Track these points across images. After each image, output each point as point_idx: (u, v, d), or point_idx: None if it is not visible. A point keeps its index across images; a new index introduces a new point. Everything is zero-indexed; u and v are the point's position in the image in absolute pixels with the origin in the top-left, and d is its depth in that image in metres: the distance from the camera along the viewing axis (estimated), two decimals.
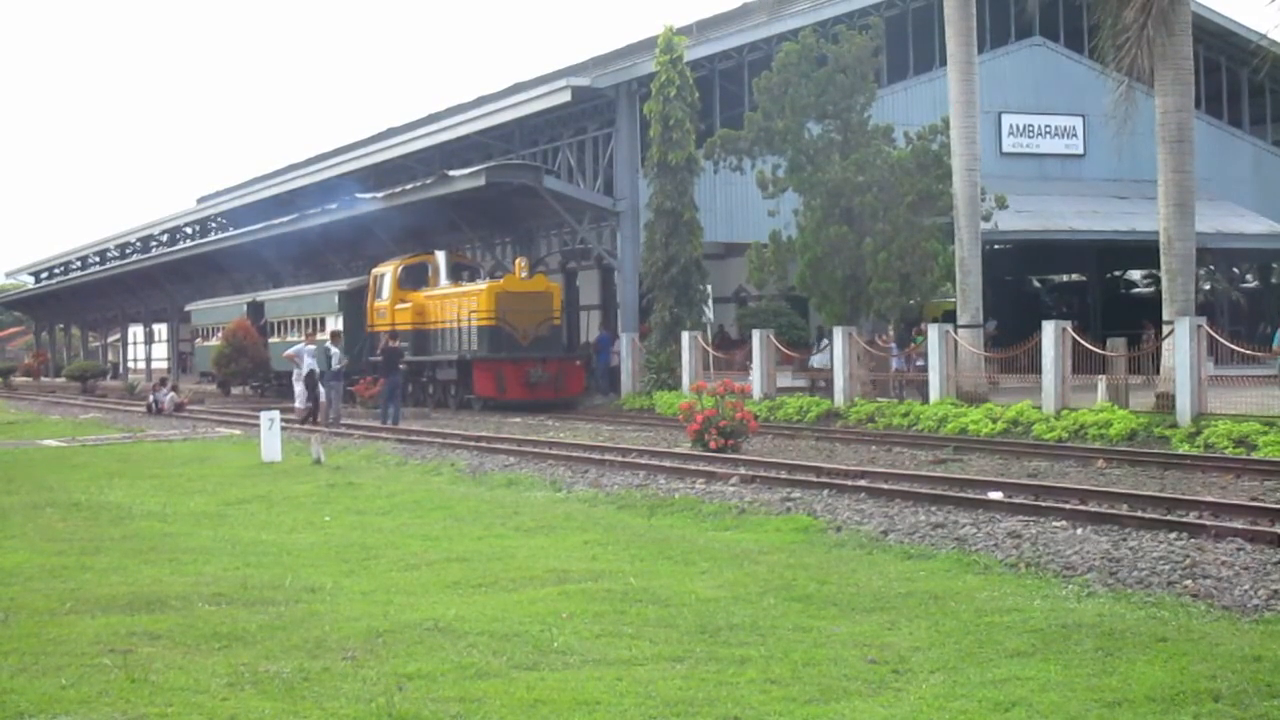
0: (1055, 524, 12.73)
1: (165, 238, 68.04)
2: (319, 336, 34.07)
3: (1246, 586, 9.91)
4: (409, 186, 40.29)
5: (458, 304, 35.25)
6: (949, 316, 30.63)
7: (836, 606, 9.68)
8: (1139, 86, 24.72)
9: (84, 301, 78.95)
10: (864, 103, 31.30)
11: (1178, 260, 24.18)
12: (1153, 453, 19.77)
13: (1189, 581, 10.14)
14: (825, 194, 30.51)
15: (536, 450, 21.95)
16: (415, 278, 38.08)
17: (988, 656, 8.18)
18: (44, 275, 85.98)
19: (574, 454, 21.39)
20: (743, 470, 17.90)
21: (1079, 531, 12.31)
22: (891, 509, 14.15)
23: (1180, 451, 19.88)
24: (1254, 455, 18.59)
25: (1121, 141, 28.70)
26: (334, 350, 29.81)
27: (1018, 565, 11.14)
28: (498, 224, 43.07)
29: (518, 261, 35.81)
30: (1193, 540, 11.63)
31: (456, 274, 37.69)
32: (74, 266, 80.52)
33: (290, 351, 31.46)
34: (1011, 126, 40.81)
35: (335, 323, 39.36)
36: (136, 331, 78.61)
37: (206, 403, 43.10)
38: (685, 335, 32.92)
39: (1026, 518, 13.11)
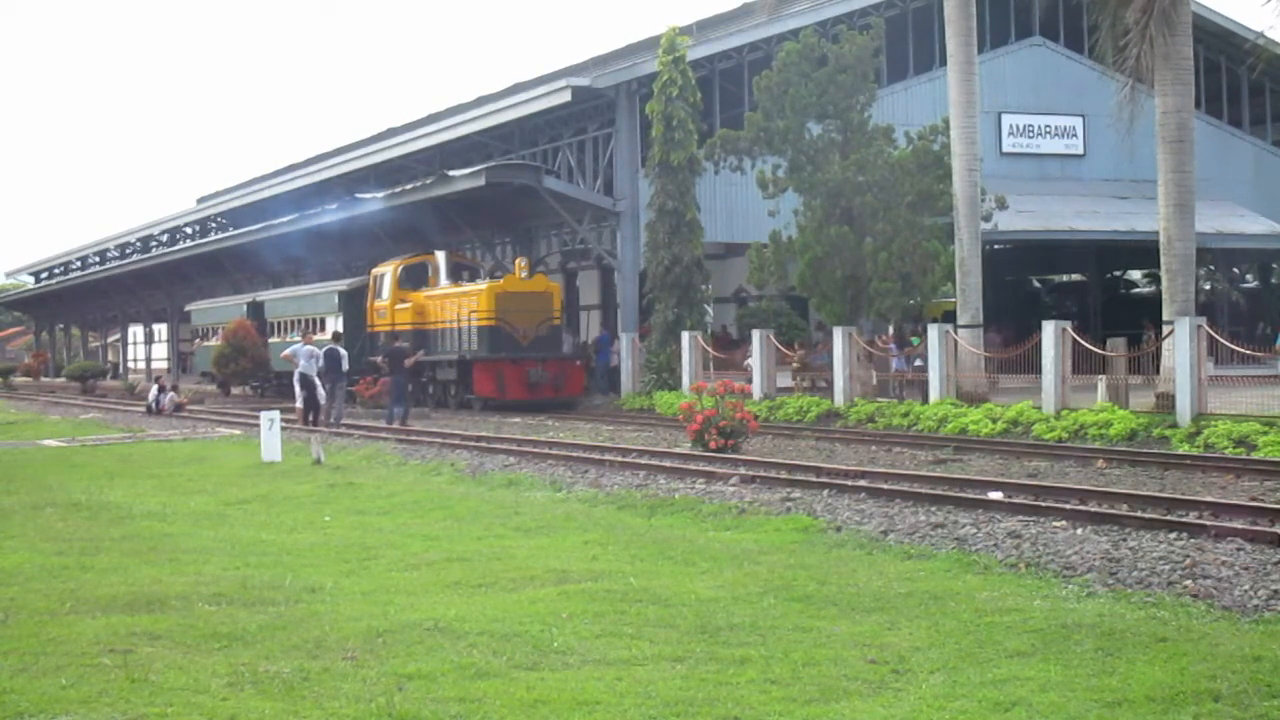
0: (1055, 524, 12.71)
1: (165, 238, 68.01)
2: (315, 337, 34.03)
3: (1246, 586, 9.90)
4: (409, 186, 40.29)
5: (458, 304, 35.23)
6: (949, 316, 30.62)
7: (836, 606, 9.67)
8: (1139, 87, 24.71)
9: (84, 301, 78.93)
10: (864, 103, 31.29)
11: (1178, 260, 24.18)
12: (1153, 453, 19.76)
13: (1189, 581, 10.13)
14: (825, 194, 30.51)
15: (536, 450, 21.92)
16: (415, 278, 38.06)
17: (988, 656, 8.18)
18: (44, 275, 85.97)
19: (574, 454, 21.37)
20: (743, 470, 17.88)
21: (1079, 531, 12.29)
22: (891, 509, 14.13)
23: (1180, 451, 19.87)
24: (1254, 455, 18.58)
25: (1121, 141, 28.71)
26: (342, 352, 29.78)
27: (1018, 565, 11.13)
28: (498, 224, 43.07)
29: (518, 261, 35.80)
30: (1193, 540, 11.62)
31: (456, 274, 37.68)
32: (74, 266, 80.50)
33: (287, 352, 31.40)
34: (1011, 126, 40.79)
35: (335, 323, 39.35)
36: (136, 331, 78.59)
37: (206, 403, 43.09)
38: (685, 335, 32.92)
39: (1026, 518, 13.10)
